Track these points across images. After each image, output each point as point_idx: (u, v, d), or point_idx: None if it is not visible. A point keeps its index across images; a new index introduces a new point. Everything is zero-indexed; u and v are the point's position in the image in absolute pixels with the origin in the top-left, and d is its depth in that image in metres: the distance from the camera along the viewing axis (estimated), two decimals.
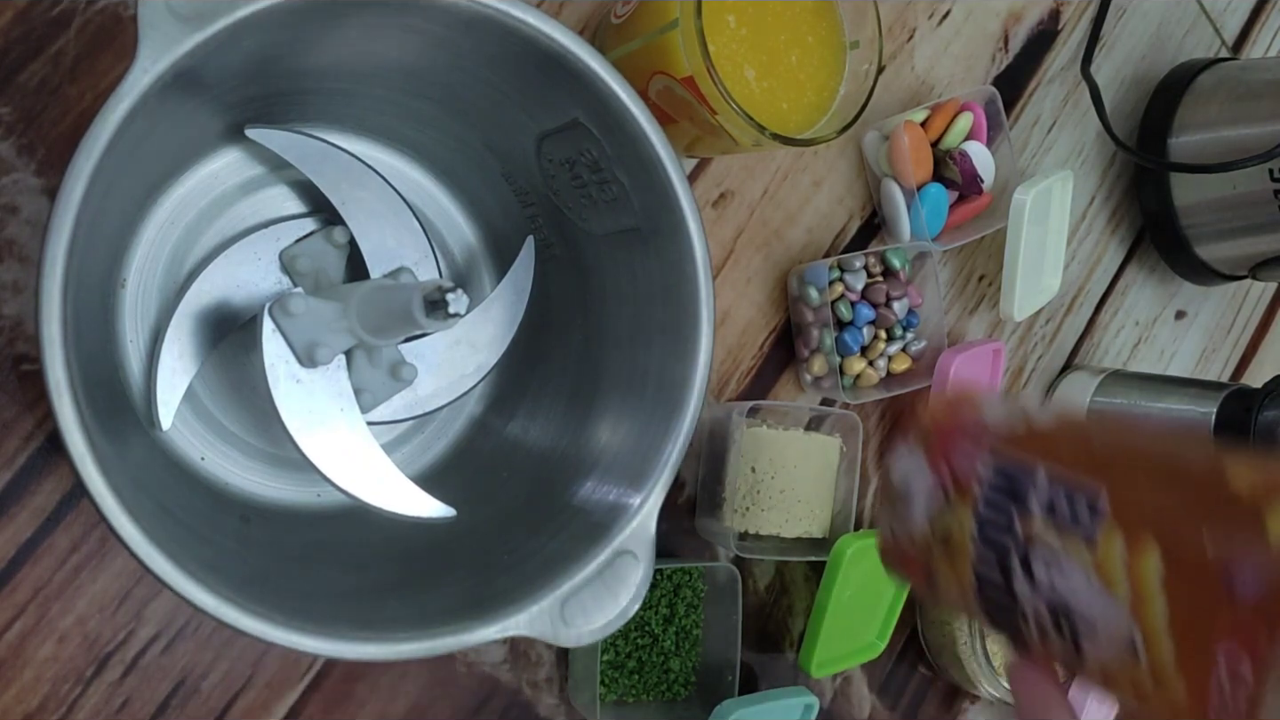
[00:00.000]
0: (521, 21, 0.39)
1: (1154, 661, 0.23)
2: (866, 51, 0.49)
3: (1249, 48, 0.84)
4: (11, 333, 0.44)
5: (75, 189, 0.32)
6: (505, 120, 0.45)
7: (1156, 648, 0.23)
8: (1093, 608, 0.25)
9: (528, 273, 0.50)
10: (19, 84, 0.44)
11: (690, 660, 0.58)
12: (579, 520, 0.43)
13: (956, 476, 0.29)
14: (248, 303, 0.45)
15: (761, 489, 0.57)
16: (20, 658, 0.44)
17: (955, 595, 0.29)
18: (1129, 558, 0.24)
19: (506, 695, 0.54)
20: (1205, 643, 0.22)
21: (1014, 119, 0.70)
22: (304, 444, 0.42)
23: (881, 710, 0.66)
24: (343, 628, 0.36)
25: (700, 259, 0.43)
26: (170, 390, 0.43)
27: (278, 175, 0.47)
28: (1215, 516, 0.23)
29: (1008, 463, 0.27)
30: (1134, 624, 0.24)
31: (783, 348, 0.62)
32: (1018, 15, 0.70)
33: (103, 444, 0.32)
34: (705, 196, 0.59)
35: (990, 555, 0.27)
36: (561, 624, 0.39)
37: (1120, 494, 0.25)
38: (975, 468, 0.28)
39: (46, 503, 0.44)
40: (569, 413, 0.49)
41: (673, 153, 0.42)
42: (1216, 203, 0.70)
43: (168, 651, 0.46)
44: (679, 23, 0.45)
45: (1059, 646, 0.26)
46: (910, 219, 0.62)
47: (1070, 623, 0.25)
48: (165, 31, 0.33)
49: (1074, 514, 0.25)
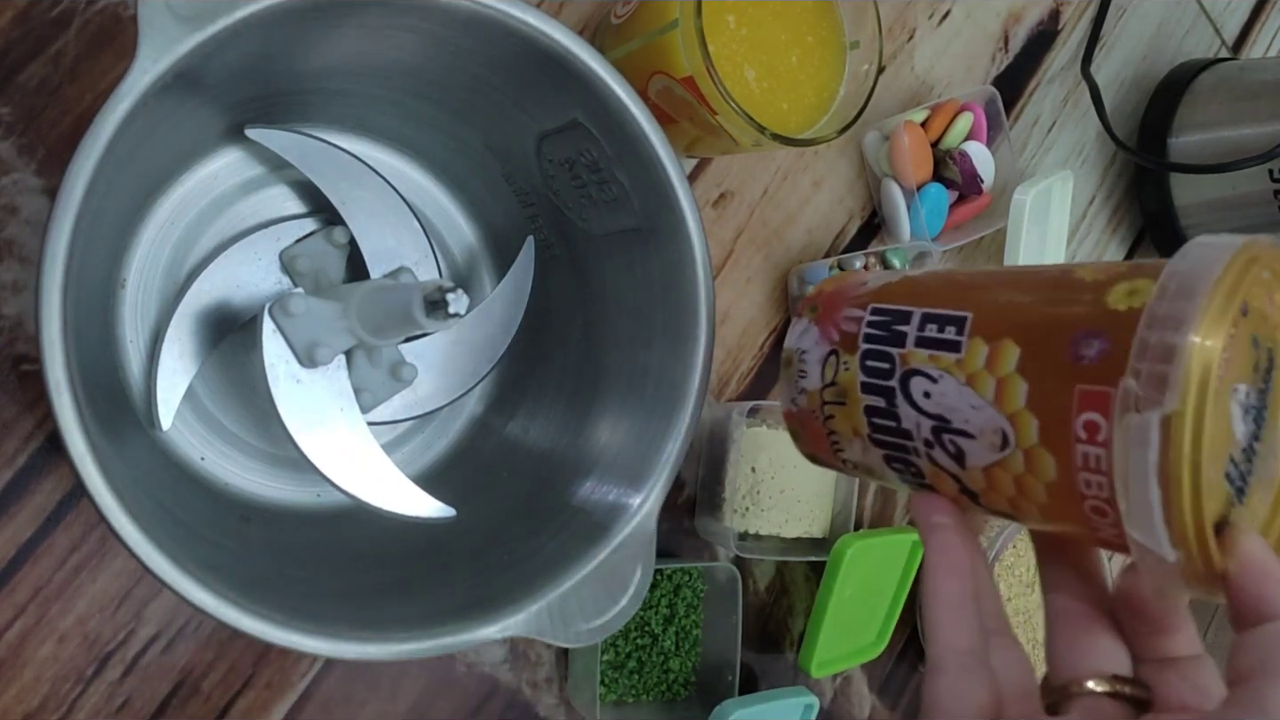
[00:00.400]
0: (521, 21, 0.39)
1: (1023, 443, 0.26)
2: (866, 51, 0.49)
3: (1249, 48, 0.84)
4: (11, 333, 0.44)
5: (75, 189, 0.32)
6: (505, 120, 0.45)
7: (1024, 429, 0.26)
8: (966, 412, 0.27)
9: (528, 273, 0.50)
10: (19, 84, 0.44)
11: (690, 660, 0.58)
12: (579, 520, 0.43)
13: (844, 335, 0.31)
14: (248, 303, 0.45)
15: (761, 489, 0.57)
16: (20, 658, 0.44)
17: (856, 450, 0.31)
18: (990, 357, 0.27)
19: (506, 695, 0.54)
20: (1064, 412, 0.25)
21: (1014, 119, 0.70)
22: (304, 444, 0.42)
23: (881, 710, 0.66)
24: (343, 628, 0.36)
25: (700, 259, 0.43)
26: (170, 390, 0.43)
27: (278, 175, 0.47)
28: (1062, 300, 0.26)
29: (887, 312, 0.30)
30: (1001, 415, 0.26)
31: (782, 348, 0.62)
32: (1018, 15, 0.70)
33: (103, 444, 0.32)
34: (705, 196, 0.59)
35: (876, 393, 0.30)
36: (561, 624, 0.39)
37: (982, 311, 0.28)
38: (860, 323, 0.31)
39: (46, 503, 0.44)
40: (569, 413, 0.49)
41: (673, 153, 0.42)
42: (1216, 203, 0.70)
43: (168, 651, 0.46)
44: (679, 23, 0.45)
45: (946, 462, 0.28)
46: (910, 219, 0.62)
47: (950, 433, 0.28)
48: (165, 31, 0.33)
49: (943, 337, 0.28)
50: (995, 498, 0.28)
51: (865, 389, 0.30)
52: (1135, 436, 0.23)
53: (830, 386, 0.31)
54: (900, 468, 0.30)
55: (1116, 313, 0.24)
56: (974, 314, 0.28)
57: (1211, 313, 0.23)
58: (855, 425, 0.31)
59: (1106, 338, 0.24)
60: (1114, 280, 0.25)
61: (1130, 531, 0.23)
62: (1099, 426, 0.24)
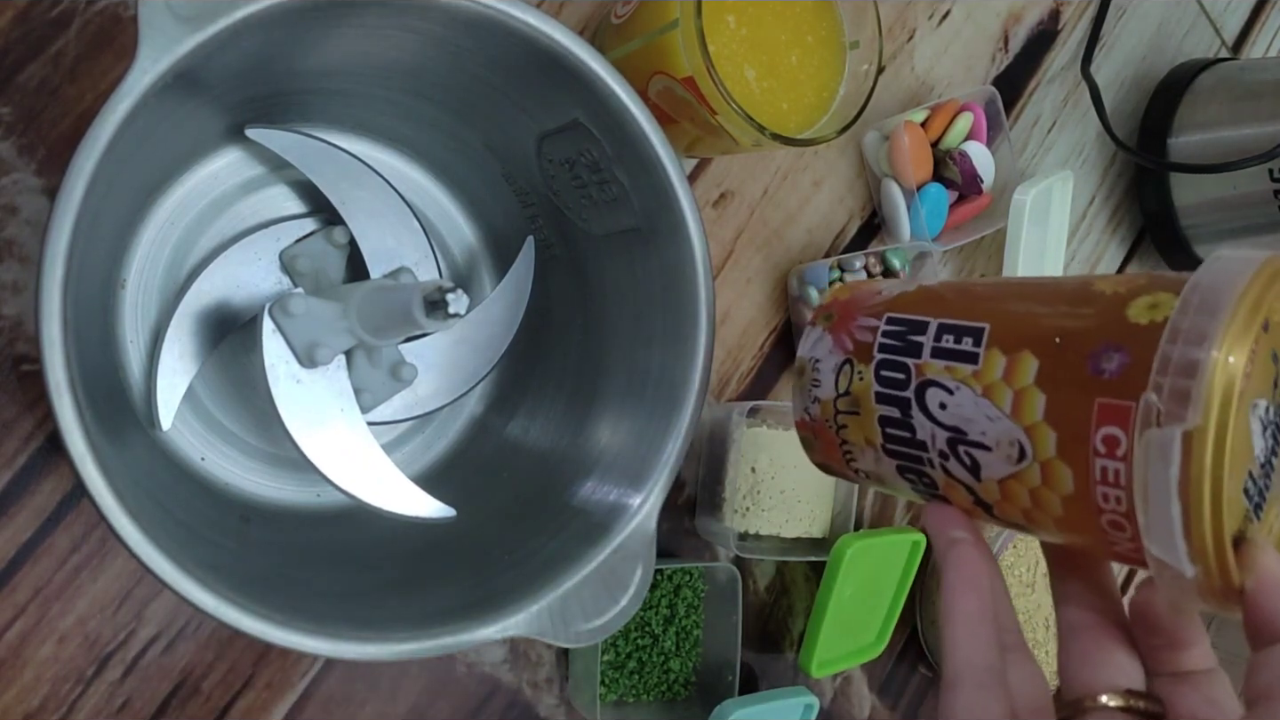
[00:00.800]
0: (521, 21, 0.39)
1: (1040, 456, 0.25)
2: (866, 51, 0.49)
3: (1249, 48, 0.84)
4: (11, 333, 0.44)
5: (75, 189, 0.32)
6: (505, 120, 0.45)
7: (1041, 442, 0.25)
8: (982, 423, 0.27)
9: (528, 273, 0.50)
10: (19, 84, 0.44)
11: (690, 660, 0.58)
12: (579, 520, 0.43)
13: (858, 344, 0.31)
14: (248, 303, 0.45)
15: (761, 489, 0.57)
16: (20, 658, 0.44)
17: (869, 460, 0.31)
18: (1008, 370, 0.26)
19: (506, 695, 0.54)
20: (1082, 425, 0.24)
21: (1014, 119, 0.70)
22: (304, 444, 0.42)
23: (881, 710, 0.66)
24: (343, 628, 0.36)
25: (700, 259, 0.43)
26: (170, 390, 0.43)
27: (278, 175, 0.47)
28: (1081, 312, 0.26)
29: (902, 321, 0.30)
30: (1018, 427, 0.26)
31: (783, 348, 0.62)
32: (1018, 15, 0.70)
33: (103, 444, 0.32)
34: (705, 196, 0.59)
35: (891, 403, 0.30)
36: (561, 624, 0.39)
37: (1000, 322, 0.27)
38: (875, 333, 0.31)
39: (46, 503, 0.44)
40: (569, 413, 0.49)
41: (673, 153, 0.42)
42: (1216, 203, 0.70)
43: (168, 651, 0.46)
44: (679, 23, 0.45)
45: (960, 473, 0.28)
46: (910, 219, 0.62)
47: (966, 445, 0.27)
48: (165, 31, 0.33)
49: (960, 348, 0.28)
50: (1010, 509, 0.27)
51: (880, 399, 0.30)
52: (1156, 451, 0.22)
53: (844, 396, 0.31)
54: (913, 478, 0.30)
55: (1138, 326, 0.24)
56: (991, 325, 0.28)
57: (1235, 328, 0.22)
58: (869, 435, 0.31)
59: (1127, 351, 0.24)
60: (1135, 293, 0.25)
61: (1148, 546, 0.23)
62: (1118, 440, 0.24)
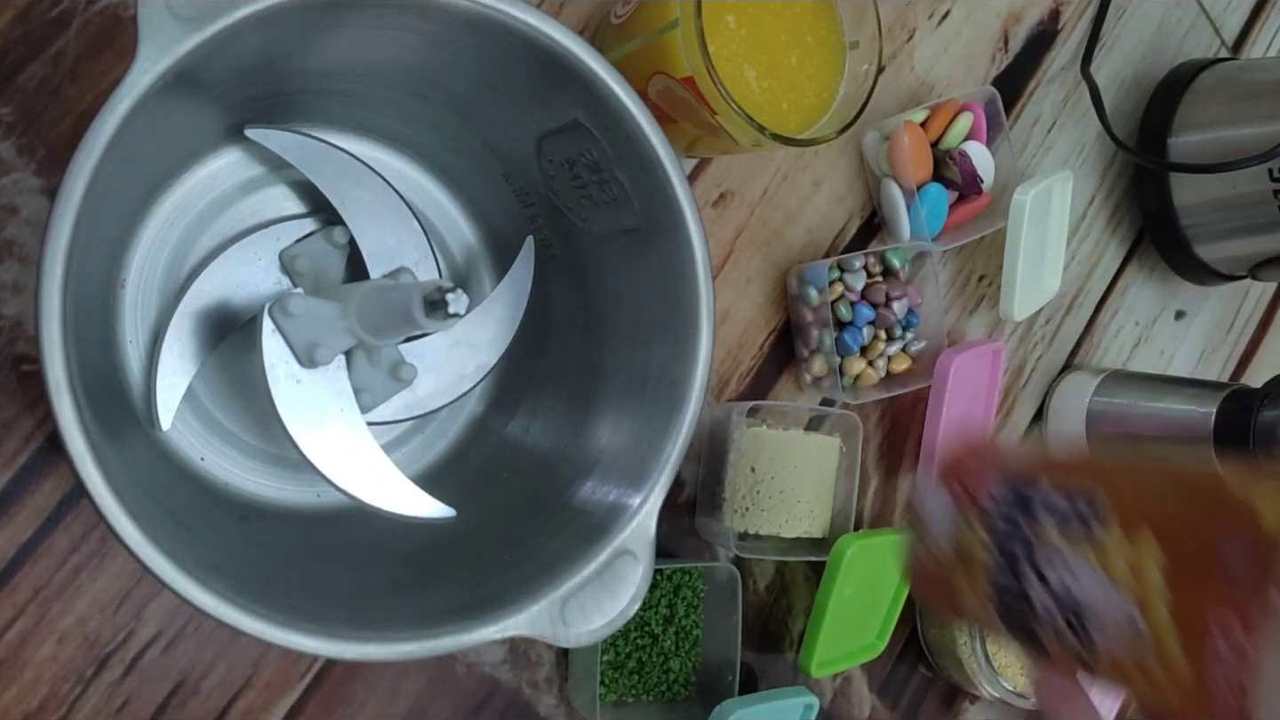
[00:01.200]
0: (521, 21, 0.39)
1: (1160, 646, 0.25)
2: (866, 51, 0.49)
3: (1249, 48, 0.84)
4: (11, 333, 0.44)
5: (75, 189, 0.32)
6: (505, 120, 0.45)
7: (1161, 633, 0.25)
8: (1100, 600, 0.26)
9: (528, 273, 0.50)
10: (19, 84, 0.44)
11: (690, 660, 0.58)
12: (579, 520, 0.43)
13: (974, 500, 0.31)
14: (248, 303, 0.45)
15: (761, 489, 0.57)
16: (20, 658, 0.44)
17: (977, 610, 0.31)
18: (1129, 551, 0.26)
19: (506, 695, 0.54)
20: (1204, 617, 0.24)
21: (1014, 119, 0.70)
22: (304, 444, 0.42)
23: (881, 710, 0.66)
24: (343, 628, 0.36)
25: (700, 259, 0.43)
26: (170, 390, 0.43)
27: (278, 175, 0.47)
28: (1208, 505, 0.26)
29: (1017, 480, 0.30)
30: (1138, 612, 0.26)
31: (783, 348, 0.62)
32: (1018, 15, 0.70)
33: (103, 444, 0.32)
34: (705, 196, 0.59)
35: (1005, 564, 0.30)
36: (561, 624, 0.39)
37: (1118, 494, 0.27)
38: (990, 491, 0.31)
39: (46, 503, 0.44)
40: (569, 413, 0.49)
41: (673, 153, 0.42)
42: (1216, 203, 0.70)
43: (168, 651, 0.46)
44: (679, 23, 0.45)
45: (1073, 644, 0.28)
46: (910, 219, 0.62)
47: (1081, 618, 0.27)
48: (165, 31, 0.33)
49: (1077, 516, 0.27)
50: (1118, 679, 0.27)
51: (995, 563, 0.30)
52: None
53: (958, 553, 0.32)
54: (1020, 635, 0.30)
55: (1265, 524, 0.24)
56: (1117, 505, 0.27)
57: None
58: (980, 591, 0.31)
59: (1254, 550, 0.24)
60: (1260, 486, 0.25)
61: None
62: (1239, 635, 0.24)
